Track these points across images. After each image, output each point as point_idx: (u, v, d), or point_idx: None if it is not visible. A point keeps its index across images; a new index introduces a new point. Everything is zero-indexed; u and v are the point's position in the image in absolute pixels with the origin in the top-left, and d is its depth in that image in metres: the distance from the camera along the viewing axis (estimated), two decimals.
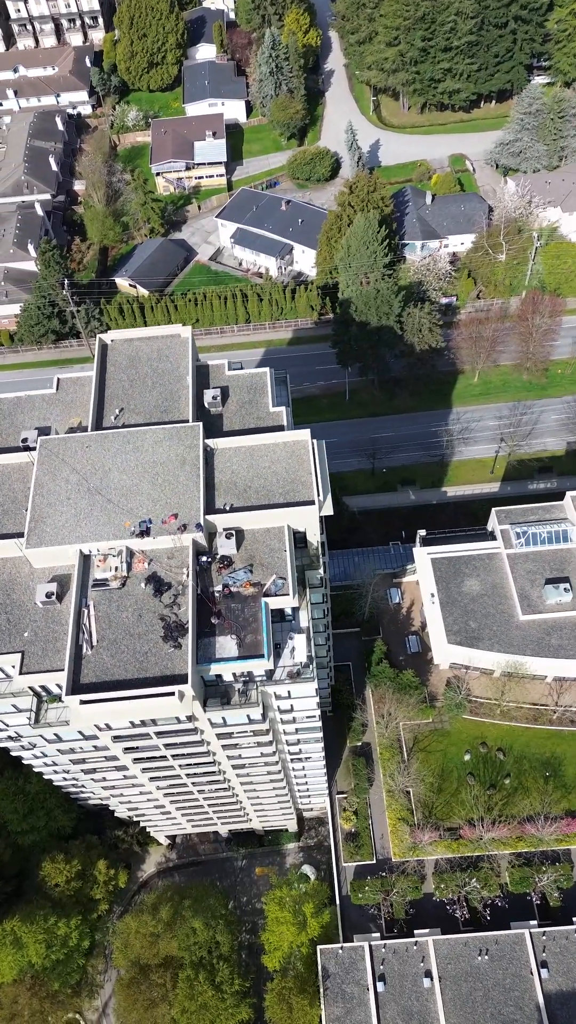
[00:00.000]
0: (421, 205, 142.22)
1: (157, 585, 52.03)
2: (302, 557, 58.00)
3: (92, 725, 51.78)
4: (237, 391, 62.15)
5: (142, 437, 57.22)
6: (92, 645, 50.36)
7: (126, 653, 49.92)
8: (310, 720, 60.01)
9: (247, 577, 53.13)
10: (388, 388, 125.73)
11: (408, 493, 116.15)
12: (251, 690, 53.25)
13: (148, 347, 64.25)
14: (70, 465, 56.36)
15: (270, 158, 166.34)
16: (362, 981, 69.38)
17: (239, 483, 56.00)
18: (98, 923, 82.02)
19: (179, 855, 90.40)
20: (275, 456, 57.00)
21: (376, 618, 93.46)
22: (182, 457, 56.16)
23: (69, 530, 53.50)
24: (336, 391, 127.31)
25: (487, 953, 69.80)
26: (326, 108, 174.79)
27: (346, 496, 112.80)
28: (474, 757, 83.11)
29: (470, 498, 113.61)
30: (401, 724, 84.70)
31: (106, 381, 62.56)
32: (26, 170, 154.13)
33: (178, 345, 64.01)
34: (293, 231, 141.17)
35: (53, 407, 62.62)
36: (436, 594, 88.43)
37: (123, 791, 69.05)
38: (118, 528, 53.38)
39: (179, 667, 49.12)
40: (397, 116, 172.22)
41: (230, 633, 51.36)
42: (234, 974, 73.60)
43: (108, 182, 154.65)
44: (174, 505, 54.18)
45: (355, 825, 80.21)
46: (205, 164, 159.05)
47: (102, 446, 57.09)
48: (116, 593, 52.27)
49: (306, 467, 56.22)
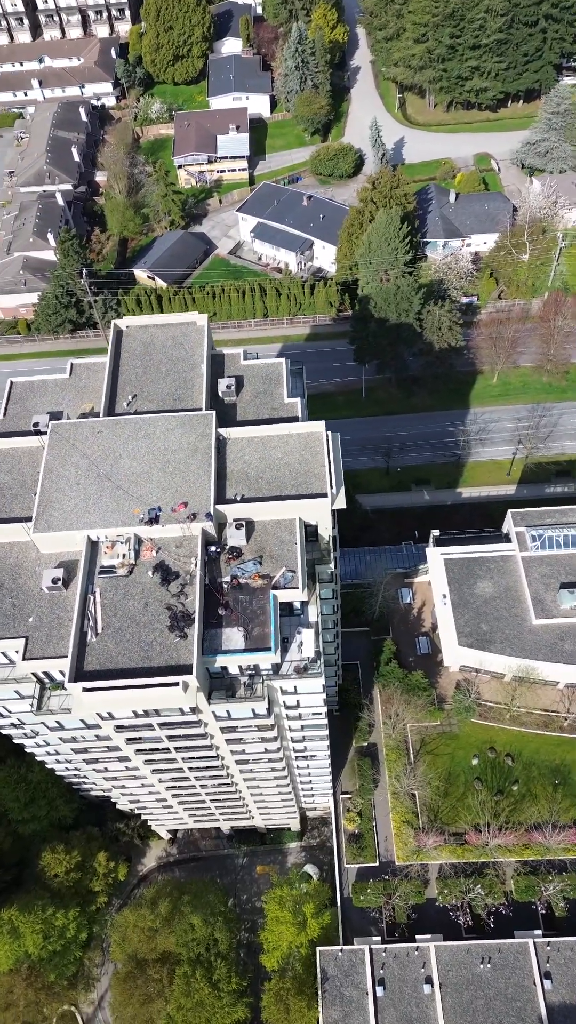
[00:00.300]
0: (444, 203, 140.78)
1: (165, 574, 51.18)
2: (313, 551, 56.98)
3: (94, 713, 51.00)
4: (252, 381, 61.27)
5: (154, 424, 56.44)
6: (97, 632, 49.58)
7: (131, 641, 49.11)
8: (316, 717, 58.95)
9: (256, 569, 52.18)
10: (405, 386, 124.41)
11: (422, 493, 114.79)
12: (257, 684, 52.29)
13: (163, 334, 63.49)
14: (80, 450, 55.65)
15: (293, 153, 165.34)
16: (361, 985, 68.23)
17: (251, 473, 55.06)
18: (96, 916, 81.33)
19: (180, 850, 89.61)
20: (288, 447, 56.00)
21: (386, 617, 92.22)
22: (194, 445, 55.32)
23: (77, 516, 52.77)
24: (352, 388, 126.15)
25: (489, 961, 68.45)
26: (351, 105, 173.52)
27: (359, 494, 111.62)
28: (482, 762, 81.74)
29: (485, 500, 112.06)
30: (408, 726, 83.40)
31: (120, 367, 61.87)
32: (48, 160, 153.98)
33: (193, 333, 63.21)
34: (314, 226, 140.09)
35: (66, 392, 62.03)
36: (448, 595, 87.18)
37: (125, 783, 68.29)
38: (127, 515, 52.58)
39: (184, 657, 48.24)
40: (423, 114, 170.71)
41: (237, 625, 50.43)
42: (232, 972, 72.66)
43: (130, 173, 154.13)
44: (184, 494, 53.33)
45: (359, 826, 79.04)
46: (227, 158, 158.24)
47: (113, 432, 56.35)
48: (123, 581, 51.47)
49: (320, 460, 55.20)
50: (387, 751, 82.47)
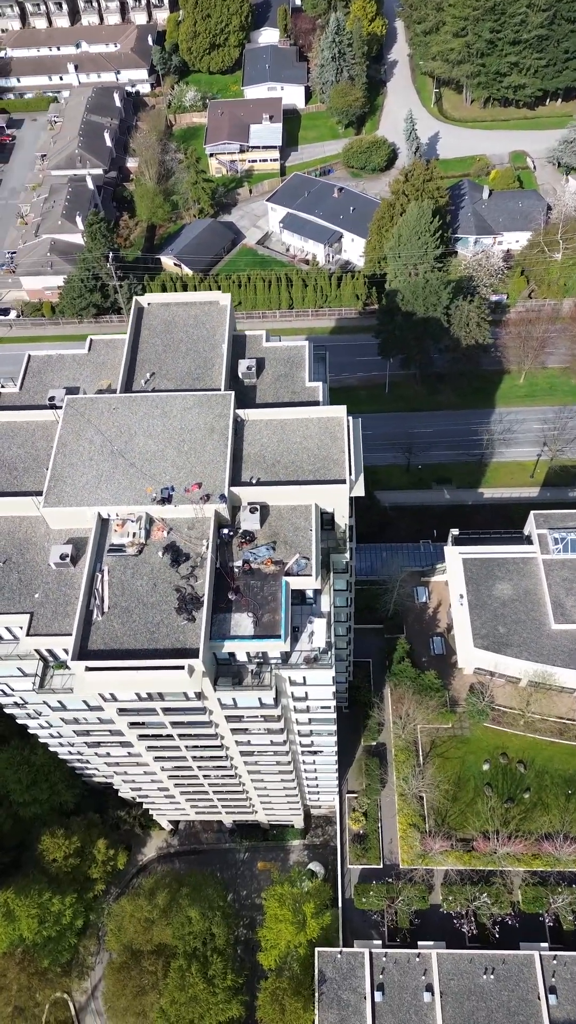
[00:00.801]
0: (477, 199, 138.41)
1: (175, 555, 49.74)
2: (328, 540, 55.26)
3: (96, 694, 49.68)
4: (273, 364, 59.71)
5: (171, 403, 55.05)
6: (103, 611, 48.25)
7: (137, 622, 47.72)
8: (325, 711, 57.24)
9: (269, 554, 50.58)
10: (430, 383, 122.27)
11: (443, 492, 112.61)
12: (265, 672, 50.68)
13: (185, 313, 62.11)
14: (95, 426, 54.37)
15: (326, 145, 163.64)
16: (359, 989, 66.47)
17: (268, 457, 53.46)
18: (93, 903, 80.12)
19: (181, 842, 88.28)
20: (308, 432, 54.35)
21: (400, 616, 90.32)
22: (211, 425, 53.84)
23: (89, 492, 51.48)
24: (376, 383, 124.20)
25: (493, 972, 66.41)
26: (386, 98, 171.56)
27: (378, 491, 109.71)
28: (493, 767, 79.62)
29: (508, 501, 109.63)
30: (419, 727, 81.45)
31: (139, 345, 60.56)
32: (80, 144, 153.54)
33: (216, 313, 61.77)
34: (344, 219, 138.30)
35: (84, 368, 60.85)
36: (465, 595, 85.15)
37: (127, 770, 67.00)
38: (139, 493, 51.21)
39: (191, 641, 46.77)
40: (459, 110, 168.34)
41: (247, 611, 48.86)
42: (227, 969, 71.12)
43: (161, 160, 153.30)
44: (199, 474, 51.84)
45: (364, 827, 77.23)
46: (260, 147, 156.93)
47: (129, 409, 55.02)
48: (132, 560, 50.11)
49: (339, 445, 53.48)
50: (396, 751, 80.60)
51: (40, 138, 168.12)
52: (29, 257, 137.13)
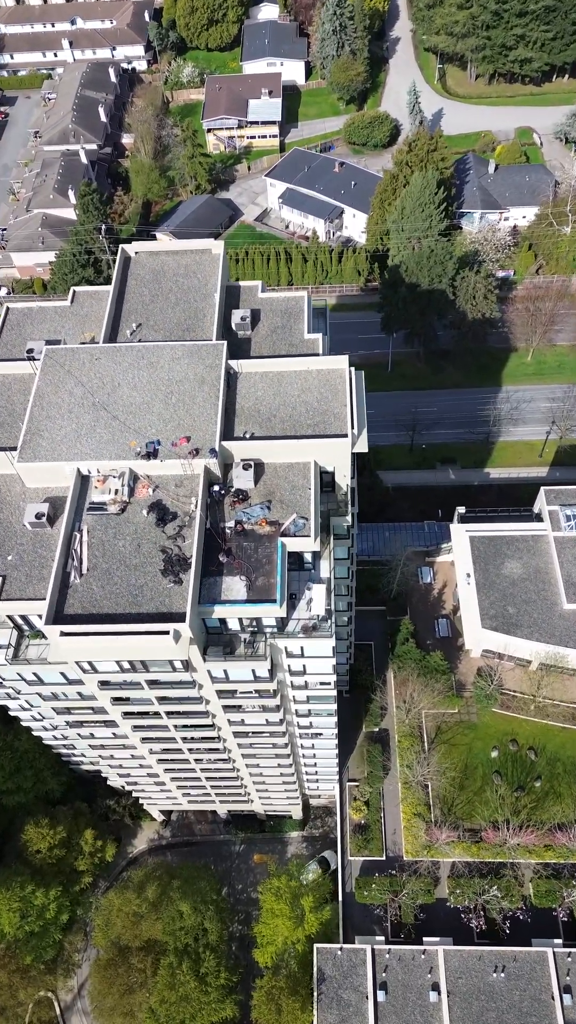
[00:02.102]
0: (483, 174, 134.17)
1: (161, 514, 45.54)
2: (328, 503, 51.07)
3: (75, 664, 45.47)
4: (269, 315, 55.43)
5: (158, 353, 50.81)
6: (81, 573, 44.06)
7: (119, 585, 43.55)
8: (324, 688, 53.00)
9: (264, 514, 46.36)
10: (433, 361, 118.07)
11: (448, 472, 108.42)
12: (259, 642, 46.48)
13: (175, 262, 57.82)
14: (76, 377, 50.16)
15: (326, 122, 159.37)
16: (361, 988, 62.33)
17: (263, 411, 49.23)
18: (80, 897, 75.86)
19: (173, 833, 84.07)
20: (306, 384, 50.10)
21: (404, 597, 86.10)
22: (201, 377, 49.60)
23: (68, 446, 47.27)
24: (378, 362, 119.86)
25: (503, 970, 62.27)
26: (388, 76, 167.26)
27: (381, 471, 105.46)
28: (502, 754, 75.46)
29: (515, 481, 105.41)
30: (424, 712, 77.30)
31: (125, 295, 56.24)
32: (74, 119, 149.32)
33: (208, 262, 57.48)
34: (345, 193, 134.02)
35: (66, 320, 56.63)
36: (472, 575, 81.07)
37: (113, 753, 62.78)
38: (122, 447, 46.99)
39: (177, 605, 42.59)
40: (463, 86, 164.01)
41: (239, 574, 44.65)
42: (221, 966, 66.92)
43: (157, 136, 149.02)
44: (187, 428, 47.64)
45: (365, 817, 73.05)
46: (258, 123, 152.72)
47: (113, 359, 50.79)
48: (114, 519, 45.93)
49: (340, 399, 49.22)
50: (400, 738, 76.44)
51: (33, 115, 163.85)
52: (20, 233, 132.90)
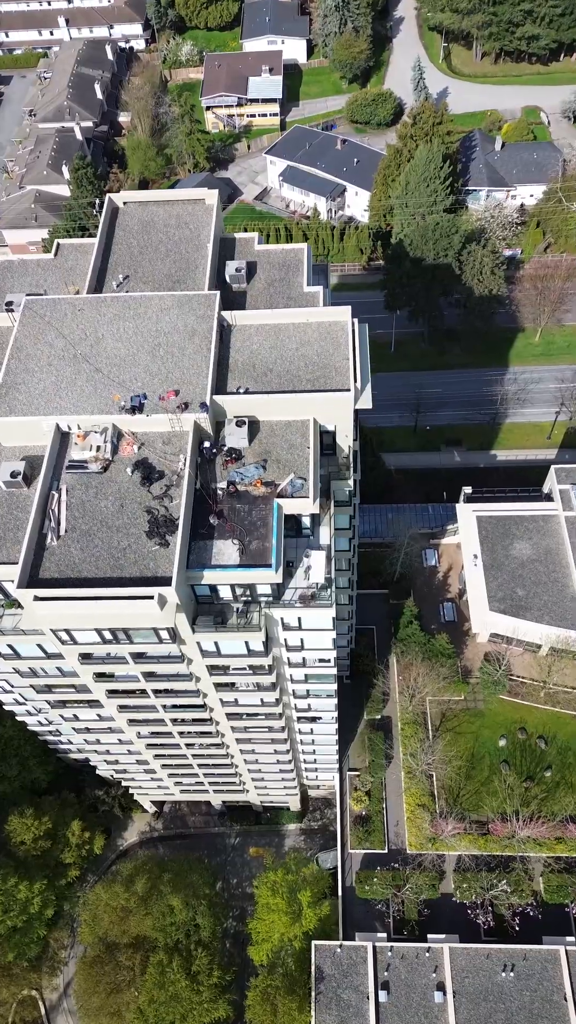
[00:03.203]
0: (489, 151, 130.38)
1: (146, 472, 41.95)
2: (329, 466, 47.54)
3: (51, 632, 41.83)
4: (266, 268, 51.96)
5: (146, 304, 47.25)
6: (59, 535, 40.47)
7: (100, 547, 39.96)
8: (323, 666, 49.40)
9: (258, 474, 42.75)
10: (438, 341, 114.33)
11: (453, 454, 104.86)
12: (253, 612, 42.87)
13: (165, 212, 54.24)
14: (57, 329, 46.59)
15: (328, 101, 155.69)
16: (362, 987, 58.71)
17: (259, 365, 45.64)
18: (67, 891, 72.30)
19: (165, 825, 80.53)
20: (306, 337, 46.51)
21: (408, 580, 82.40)
22: (192, 328, 46.03)
23: (46, 400, 43.72)
24: (381, 342, 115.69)
25: (513, 969, 58.64)
26: (392, 55, 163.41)
27: (384, 453, 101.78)
28: (511, 743, 71.80)
29: (523, 463, 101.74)
30: (428, 698, 73.62)
31: (112, 247, 52.74)
32: (70, 96, 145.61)
33: (201, 213, 53.90)
34: (347, 171, 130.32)
35: (49, 273, 53.01)
36: (480, 556, 77.35)
37: (100, 738, 59.20)
38: (105, 402, 43.44)
39: (163, 568, 39.02)
40: (468, 65, 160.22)
41: (231, 537, 41.05)
42: (213, 964, 63.44)
43: (155, 114, 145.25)
44: (176, 381, 44.05)
45: (367, 808, 69.41)
46: (259, 101, 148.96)
47: (97, 311, 47.22)
48: (96, 478, 42.35)
49: (343, 352, 45.65)
50: (403, 725, 72.74)
51: (29, 93, 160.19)
52: (12, 210, 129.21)
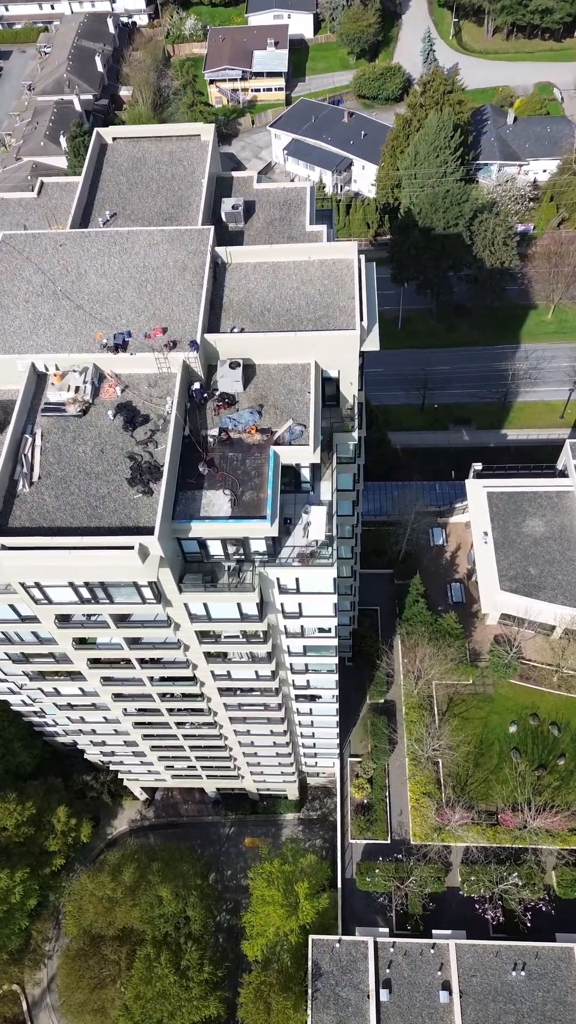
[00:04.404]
0: (501, 125, 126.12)
1: (130, 416, 38.12)
2: (331, 417, 43.64)
3: (22, 589, 37.97)
4: (265, 207, 47.98)
5: (133, 239, 43.50)
6: (31, 481, 36.66)
7: (76, 495, 36.15)
8: (323, 637, 45.48)
9: (254, 420, 38.89)
10: (447, 318, 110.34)
11: (461, 433, 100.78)
12: (246, 572, 39.00)
13: (158, 149, 50.41)
14: (36, 264, 42.84)
15: (335, 76, 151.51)
16: (362, 985, 54.88)
17: (255, 304, 41.78)
18: (51, 881, 68.55)
19: (157, 813, 76.73)
20: (307, 275, 42.62)
21: (414, 559, 78.47)
22: (182, 264, 42.21)
23: (21, 338, 39.94)
24: (387, 319, 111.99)
25: (524, 968, 54.75)
26: (401, 31, 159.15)
27: (390, 432, 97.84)
28: (521, 730, 67.91)
29: (535, 443, 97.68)
30: (435, 682, 69.78)
31: (100, 184, 48.96)
32: (69, 68, 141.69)
33: (197, 149, 50.08)
34: (354, 144, 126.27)
35: (31, 213, 49.23)
36: (490, 533, 73.51)
37: (85, 716, 55.39)
38: (86, 339, 39.64)
39: (145, 518, 35.20)
40: (479, 41, 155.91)
41: (223, 487, 37.20)
42: (204, 959, 59.63)
43: (157, 87, 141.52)
44: (164, 319, 40.24)
45: (368, 796, 65.57)
46: (263, 75, 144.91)
47: (81, 246, 43.46)
48: (74, 422, 38.54)
49: (348, 291, 41.75)
50: (407, 709, 68.87)
51: (28, 67, 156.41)
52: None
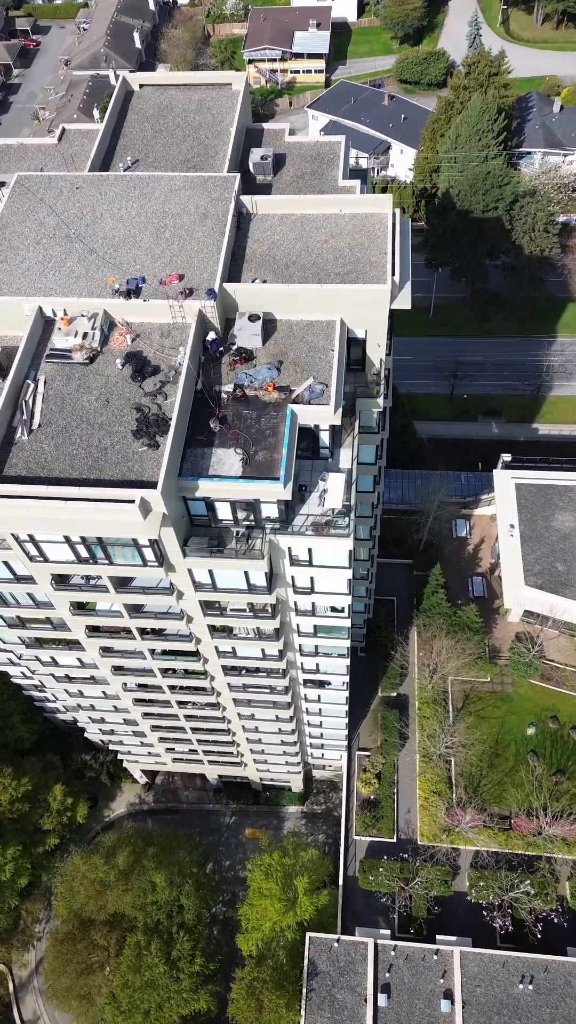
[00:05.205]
0: (547, 113, 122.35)
1: (139, 366, 35.64)
2: (356, 382, 40.89)
3: (16, 543, 35.66)
4: (296, 160, 45.37)
5: (154, 184, 41.07)
6: (30, 429, 34.33)
7: (78, 445, 33.76)
8: (336, 617, 42.73)
9: (271, 377, 36.24)
10: (481, 307, 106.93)
11: (490, 425, 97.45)
12: (256, 538, 36.37)
13: (186, 97, 48.00)
14: (49, 206, 40.55)
15: (377, 60, 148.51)
16: (359, 988, 52.12)
17: (279, 257, 39.12)
18: (44, 860, 66.59)
19: (156, 798, 74.52)
20: (337, 229, 39.86)
21: (435, 549, 75.43)
22: (204, 211, 39.68)
23: (30, 280, 37.66)
24: (419, 306, 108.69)
25: (532, 981, 51.65)
26: (447, 17, 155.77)
27: (416, 421, 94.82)
28: (540, 732, 64.65)
29: (567, 439, 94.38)
30: (451, 677, 66.74)
31: (123, 130, 46.60)
32: (107, 44, 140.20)
33: (227, 98, 47.63)
34: (393, 127, 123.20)
35: (51, 158, 46.99)
36: (517, 526, 70.20)
37: (83, 690, 53.15)
38: (97, 284, 37.25)
39: (150, 472, 32.72)
40: (527, 30, 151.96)
41: (235, 446, 34.59)
42: (196, 950, 57.22)
43: (194, 65, 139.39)
44: (181, 265, 37.73)
45: (376, 791, 62.77)
46: (303, 56, 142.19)
47: (98, 189, 41.13)
48: (79, 370, 36.15)
49: (380, 246, 38.94)
50: (420, 704, 65.92)
51: (66, 42, 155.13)
52: None
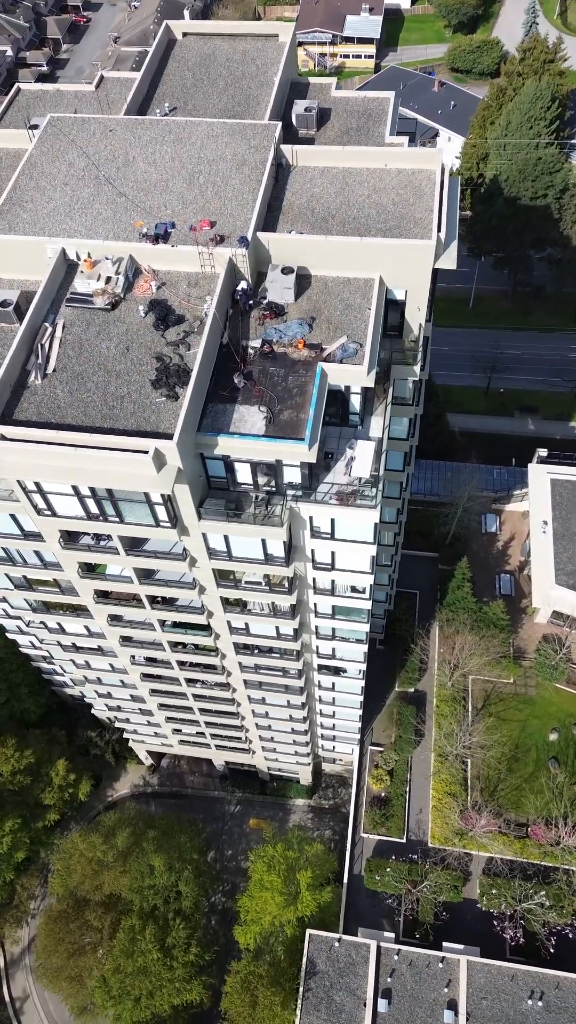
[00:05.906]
0: None
1: (163, 314, 33.56)
2: (392, 348, 38.43)
3: (23, 492, 33.78)
4: (342, 116, 42.92)
5: (191, 129, 39.00)
6: (44, 373, 32.43)
7: (92, 392, 31.80)
8: (356, 597, 40.36)
9: (302, 333, 33.97)
10: (522, 301, 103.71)
11: (526, 421, 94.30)
12: (276, 504, 34.14)
13: (230, 47, 45.87)
14: (81, 148, 38.65)
15: (429, 48, 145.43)
16: (359, 991, 49.77)
17: (319, 210, 36.80)
18: (43, 836, 65.13)
19: (161, 781, 72.72)
20: (381, 184, 37.43)
21: (462, 543, 72.70)
22: (242, 158, 37.52)
23: (55, 221, 35.79)
24: (459, 297, 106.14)
25: (542, 998, 48.90)
26: (503, 6, 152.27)
27: (450, 413, 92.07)
28: (563, 739, 61.77)
29: None
30: (472, 676, 64.05)
31: (163, 78, 44.68)
32: (156, 20, 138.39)
33: (272, 49, 45.29)
34: (443, 114, 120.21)
35: (87, 105, 45.05)
36: (550, 522, 67.28)
37: (90, 660, 51.40)
38: (124, 227, 35.27)
39: (166, 424, 30.65)
40: None
41: (259, 403, 32.40)
42: (192, 939, 55.28)
43: None
44: (214, 212, 35.59)
45: (387, 789, 60.31)
46: (354, 40, 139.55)
47: (132, 132, 39.18)
48: (100, 315, 34.16)
49: (426, 203, 36.42)
50: (439, 702, 63.34)
51: (116, 19, 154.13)
52: None
